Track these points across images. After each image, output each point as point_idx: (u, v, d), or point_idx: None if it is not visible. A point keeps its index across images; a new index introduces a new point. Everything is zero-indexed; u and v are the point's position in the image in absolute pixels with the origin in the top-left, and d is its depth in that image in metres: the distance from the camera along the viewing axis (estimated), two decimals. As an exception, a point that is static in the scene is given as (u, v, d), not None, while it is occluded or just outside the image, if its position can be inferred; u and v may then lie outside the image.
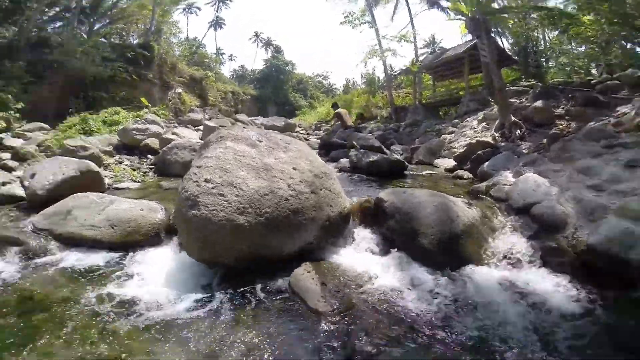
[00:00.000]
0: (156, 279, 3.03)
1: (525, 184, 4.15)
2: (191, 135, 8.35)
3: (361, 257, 3.42)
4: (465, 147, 6.75)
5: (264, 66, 47.48)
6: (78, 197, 4.02)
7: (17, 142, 8.23)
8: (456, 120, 10.23)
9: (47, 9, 17.58)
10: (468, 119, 9.21)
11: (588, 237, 3.10)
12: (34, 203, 4.28)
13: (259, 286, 2.90)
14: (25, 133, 9.16)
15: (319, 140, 12.04)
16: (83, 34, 18.36)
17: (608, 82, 8.14)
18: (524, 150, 6.25)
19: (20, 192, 4.70)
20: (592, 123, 5.87)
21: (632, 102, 6.24)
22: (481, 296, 2.72)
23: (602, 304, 2.64)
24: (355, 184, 5.39)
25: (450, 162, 7.04)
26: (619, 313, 2.57)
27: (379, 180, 5.75)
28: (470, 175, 6.04)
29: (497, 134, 7.13)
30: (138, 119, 10.70)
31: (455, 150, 7.48)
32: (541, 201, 3.79)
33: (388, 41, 17.30)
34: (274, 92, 43.60)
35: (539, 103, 7.52)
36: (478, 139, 6.82)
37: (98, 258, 3.37)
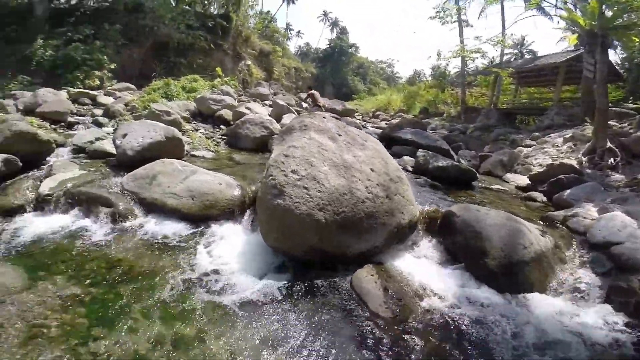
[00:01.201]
0: (230, 256, 3.23)
1: (610, 222, 3.86)
2: (261, 111, 8.58)
3: (422, 267, 3.40)
4: (544, 167, 6.21)
5: (327, 46, 47.06)
6: (164, 162, 4.30)
7: (108, 100, 9.12)
8: (536, 134, 9.38)
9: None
10: (552, 134, 8.40)
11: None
12: (123, 162, 4.65)
13: (321, 280, 3.01)
14: (115, 92, 10.06)
15: (376, 130, 11.82)
16: (171, 1, 19.37)
17: None
18: (613, 183, 5.61)
19: (111, 148, 5.10)
20: None
21: None
22: (539, 325, 2.64)
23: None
24: (420, 189, 5.23)
25: (524, 180, 6.53)
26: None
27: (444, 187, 5.53)
28: (545, 199, 5.59)
29: (584, 159, 6.44)
30: (214, 88, 11.23)
31: (532, 167, 6.91)
32: (624, 242, 3.56)
33: (479, 41, 16.39)
34: (333, 73, 43.31)
35: (645, 132, 6.63)
36: (561, 160, 6.22)
37: (177, 227, 3.59)
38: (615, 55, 15.01)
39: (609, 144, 6.40)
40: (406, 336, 2.44)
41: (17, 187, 3.95)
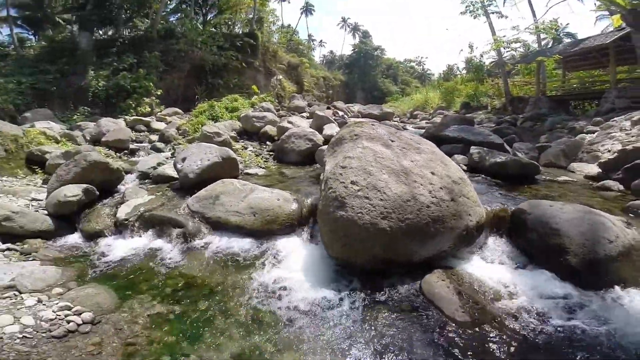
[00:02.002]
0: (294, 268, 3.28)
1: None
2: (303, 124, 8.76)
3: (494, 269, 3.24)
4: (615, 153, 5.67)
5: (352, 52, 47.08)
6: (224, 182, 4.50)
7: (160, 125, 9.78)
8: (598, 119, 8.63)
9: (168, 1, 19.93)
10: (616, 118, 7.65)
11: None
12: (185, 184, 4.89)
13: (387, 287, 2.96)
14: (166, 117, 10.77)
15: (418, 130, 11.52)
16: (199, 25, 20.48)
17: None
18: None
19: (172, 172, 5.40)
20: None
21: None
22: (634, 323, 2.41)
23: None
24: (480, 188, 4.97)
25: (593, 169, 6.00)
26: None
27: (505, 184, 5.24)
28: (621, 187, 5.08)
29: (662, 140, 5.81)
30: (255, 106, 11.65)
31: (600, 154, 6.33)
32: None
33: (518, 31, 15.73)
34: (361, 78, 43.17)
35: None
36: (635, 144, 5.64)
37: (242, 243, 3.72)
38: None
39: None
40: (488, 340, 2.34)
41: (98, 214, 4.34)
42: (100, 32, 17.75)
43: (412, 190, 3.17)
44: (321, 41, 60.36)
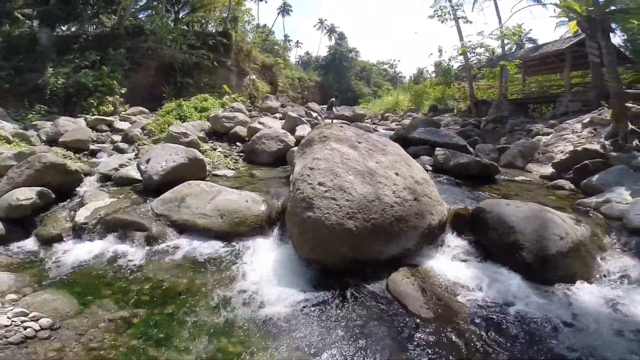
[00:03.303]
0: (264, 270, 3.26)
1: (647, 205, 3.72)
2: (274, 125, 8.70)
3: (456, 266, 3.38)
4: (567, 154, 6.09)
5: (328, 53, 47.49)
6: (190, 184, 4.39)
7: (124, 125, 9.38)
8: (553, 121, 9.22)
9: (138, -2, 19.25)
10: (569, 121, 8.23)
11: None
12: (149, 186, 4.75)
13: (355, 287, 3.00)
14: (130, 117, 10.34)
15: (388, 132, 11.79)
16: (170, 22, 19.84)
17: None
18: (643, 165, 5.45)
19: (136, 174, 5.20)
20: None
21: None
22: (583, 314, 2.60)
23: None
24: (443, 188, 5.18)
25: (547, 169, 6.42)
26: None
27: (467, 184, 5.49)
28: (572, 187, 5.48)
29: (607, 142, 6.30)
30: (225, 106, 11.42)
31: (553, 155, 6.78)
32: None
33: (481, 37, 16.48)
34: (337, 79, 43.60)
35: (667, 111, 6.45)
36: (584, 146, 6.08)
37: (209, 246, 3.65)
38: (616, 38, 14.77)
39: (630, 126, 6.27)
40: (451, 335, 2.43)
41: (54, 218, 4.11)
42: (63, 28, 16.80)
43: (377, 190, 3.25)
44: (297, 42, 60.30)
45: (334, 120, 10.67)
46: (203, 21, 22.64)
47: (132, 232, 3.79)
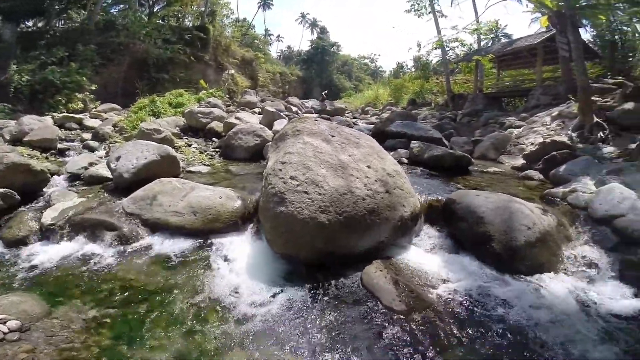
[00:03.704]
0: (238, 267, 3.23)
1: (609, 195, 3.91)
2: (252, 120, 8.58)
3: (429, 257, 3.44)
4: (537, 146, 6.31)
5: (310, 47, 47.24)
6: (162, 182, 4.29)
7: (95, 123, 9.05)
8: (524, 114, 9.53)
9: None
10: (539, 114, 8.51)
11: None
12: (120, 185, 4.62)
13: (330, 281, 3.02)
14: (101, 114, 9.98)
15: (367, 125, 11.87)
16: (144, 17, 19.23)
17: None
18: (606, 155, 5.73)
19: (106, 173, 5.04)
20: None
21: None
22: (551, 304, 2.68)
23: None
24: (418, 180, 5.28)
25: (518, 161, 6.64)
26: None
27: (441, 175, 5.60)
28: (541, 177, 5.68)
29: (574, 135, 6.57)
30: (202, 101, 11.19)
31: (524, 147, 7.01)
32: (626, 214, 3.60)
33: (456, 31, 16.73)
34: (319, 74, 43.50)
35: (629, 105, 6.78)
36: (552, 138, 6.31)
37: (183, 244, 3.59)
38: (586, 34, 15.33)
39: (595, 119, 6.55)
40: (422, 327, 2.46)
41: (20, 219, 3.93)
42: (29, 23, 16.01)
43: (349, 183, 3.27)
44: (279, 36, 59.87)
45: (310, 115, 10.66)
46: (180, 15, 22.03)
47: (102, 232, 3.68)
